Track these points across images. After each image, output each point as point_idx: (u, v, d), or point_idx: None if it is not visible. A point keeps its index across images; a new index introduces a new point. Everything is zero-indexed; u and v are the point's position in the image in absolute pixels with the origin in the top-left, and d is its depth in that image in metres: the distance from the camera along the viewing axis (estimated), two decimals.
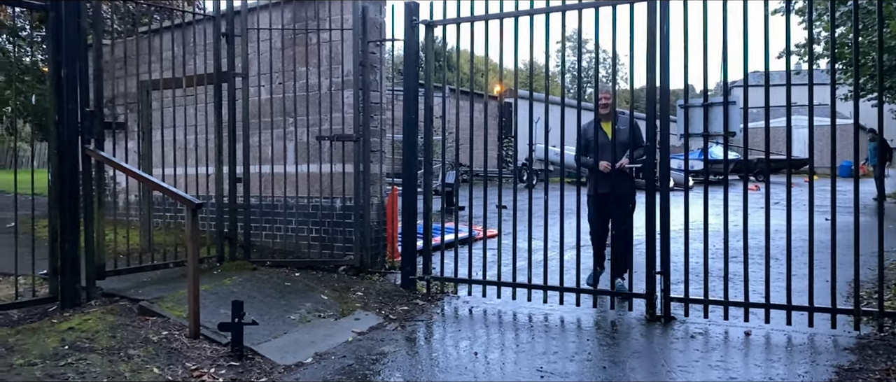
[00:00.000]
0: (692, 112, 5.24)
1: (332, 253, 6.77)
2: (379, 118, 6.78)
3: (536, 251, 5.91)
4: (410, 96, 6.25)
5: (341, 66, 6.72)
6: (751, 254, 5.17)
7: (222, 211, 6.58)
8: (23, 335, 4.50)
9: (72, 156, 5.21)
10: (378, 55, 6.75)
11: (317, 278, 6.31)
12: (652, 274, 5.31)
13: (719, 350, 4.50)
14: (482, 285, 5.92)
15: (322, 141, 6.67)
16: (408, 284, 6.18)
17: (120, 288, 5.58)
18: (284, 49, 7.03)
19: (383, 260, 6.83)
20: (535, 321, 5.32)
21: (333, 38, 6.73)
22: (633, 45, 5.22)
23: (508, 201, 6.24)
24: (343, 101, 6.73)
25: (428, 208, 6.25)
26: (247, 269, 6.31)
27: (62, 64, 5.14)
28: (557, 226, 5.76)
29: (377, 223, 6.78)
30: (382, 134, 6.83)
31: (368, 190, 6.61)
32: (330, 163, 6.66)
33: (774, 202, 5.09)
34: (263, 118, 7.18)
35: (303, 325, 5.08)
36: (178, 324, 4.81)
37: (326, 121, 6.78)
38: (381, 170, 6.81)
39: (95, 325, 4.68)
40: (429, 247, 6.25)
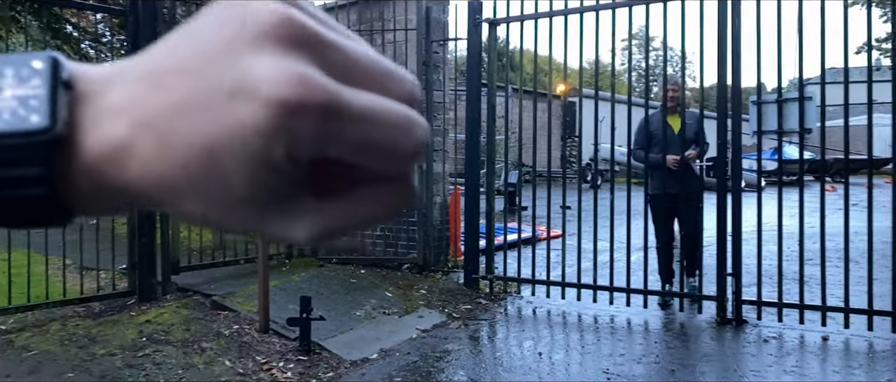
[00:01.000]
0: (766, 109, 5.07)
1: (397, 252, 6.84)
2: (442, 117, 6.81)
3: (601, 252, 5.82)
4: (473, 95, 6.26)
5: (405, 66, 6.74)
6: (828, 257, 4.95)
7: None
8: (104, 326, 4.71)
9: None
10: (441, 55, 6.79)
11: (381, 275, 6.38)
12: (723, 276, 5.16)
13: (794, 356, 4.34)
14: (546, 285, 5.88)
15: None
16: (470, 283, 6.19)
17: (193, 283, 5.77)
18: None
19: (446, 259, 6.85)
20: (601, 322, 5.25)
21: (397, 39, 6.80)
22: (702, 41, 5.10)
23: (573, 201, 6.18)
24: None
25: (490, 207, 6.24)
26: (314, 266, 6.44)
27: None
28: (624, 227, 5.66)
29: (440, 222, 6.81)
30: (445, 133, 6.86)
31: (431, 189, 6.64)
32: None
33: (853, 203, 4.86)
34: None
35: (368, 321, 5.14)
36: (249, 319, 4.95)
37: None
38: (443, 169, 6.84)
39: (171, 318, 4.85)
40: (491, 247, 6.24)
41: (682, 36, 5.25)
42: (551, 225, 6.27)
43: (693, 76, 56.02)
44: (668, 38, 5.39)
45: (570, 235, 6.64)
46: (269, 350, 4.44)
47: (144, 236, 5.37)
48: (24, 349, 4.22)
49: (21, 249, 5.15)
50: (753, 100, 5.12)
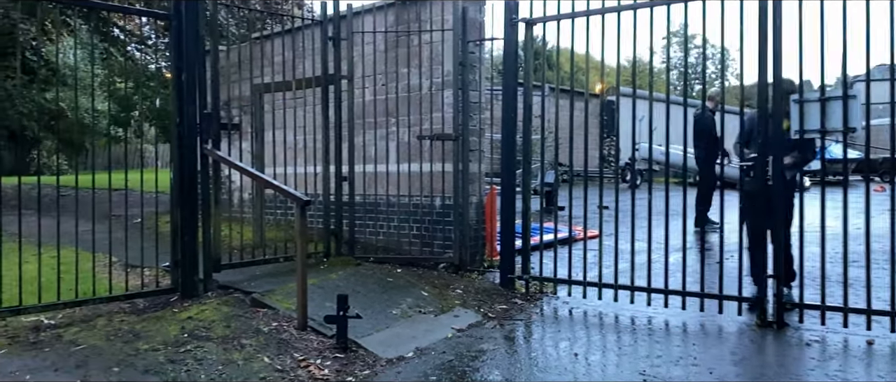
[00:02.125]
0: (808, 107, 4.96)
1: (432, 251, 6.87)
2: (478, 117, 6.82)
3: (639, 253, 5.77)
4: (509, 95, 6.25)
5: (441, 67, 6.81)
6: (874, 259, 4.83)
7: (329, 209, 6.81)
8: (148, 322, 4.84)
9: (191, 155, 5.55)
10: (477, 55, 6.80)
11: (417, 274, 6.42)
12: (763, 278, 5.07)
13: (838, 360, 4.24)
14: (582, 286, 5.84)
15: (422, 140, 6.78)
16: (506, 283, 6.19)
17: (234, 281, 5.89)
18: (387, 51, 7.20)
19: (482, 259, 6.86)
20: (638, 324, 5.20)
21: (434, 39, 6.83)
22: (742, 38, 5.01)
23: (610, 201, 6.13)
24: (443, 101, 6.82)
25: (526, 207, 6.23)
26: (351, 265, 6.51)
27: (183, 69, 5.49)
28: (661, 228, 5.59)
29: (476, 221, 6.83)
30: (481, 133, 6.87)
31: (467, 188, 6.66)
32: (430, 161, 6.76)
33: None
34: (367, 119, 7.37)
35: (404, 320, 5.19)
36: (287, 316, 5.03)
37: (427, 121, 6.89)
38: (479, 168, 6.85)
39: (212, 315, 4.96)
40: (527, 247, 6.23)
41: (721, 33, 5.16)
42: (588, 226, 6.22)
43: (735, 74, 54.81)
44: (707, 35, 5.32)
45: (608, 235, 6.58)
46: (307, 347, 4.50)
47: (186, 234, 5.50)
48: (71, 343, 4.36)
49: (70, 247, 5.31)
50: (795, 98, 5.01)
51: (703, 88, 10.94)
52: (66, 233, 5.04)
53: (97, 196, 5.30)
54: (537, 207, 11.69)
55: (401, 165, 7.08)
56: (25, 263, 5.09)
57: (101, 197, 5.60)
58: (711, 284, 5.69)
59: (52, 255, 5.17)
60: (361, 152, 7.24)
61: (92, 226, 5.12)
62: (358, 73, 7.28)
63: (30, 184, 8.67)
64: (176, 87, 5.50)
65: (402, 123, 7.11)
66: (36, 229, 4.99)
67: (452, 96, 6.67)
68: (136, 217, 8.09)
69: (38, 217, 4.95)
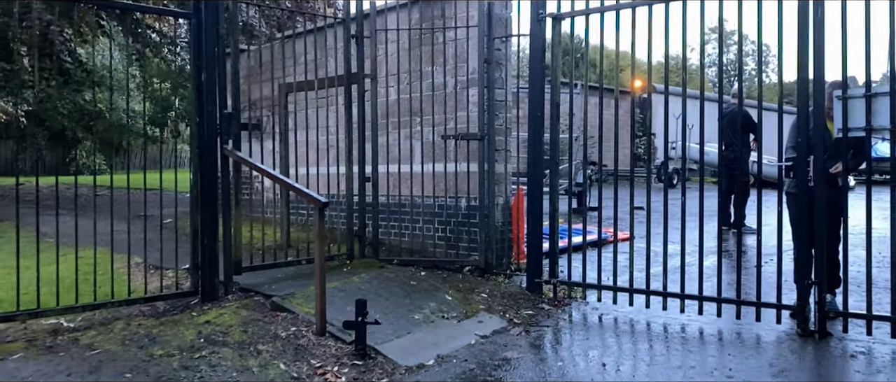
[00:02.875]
0: (852, 104, 4.67)
1: (458, 254, 6.71)
2: (504, 116, 6.64)
3: (673, 256, 5.53)
4: (536, 93, 6.06)
5: (466, 65, 6.64)
6: None
7: (352, 210, 6.69)
8: (165, 326, 4.76)
9: (211, 156, 5.47)
10: (503, 51, 6.61)
11: (442, 278, 6.26)
12: (804, 284, 4.80)
13: (885, 373, 3.97)
14: (612, 291, 5.62)
15: (447, 140, 6.61)
16: (533, 287, 5.99)
17: (255, 283, 5.80)
18: (411, 49, 7.06)
19: (509, 262, 6.68)
20: (671, 332, 4.97)
21: (459, 36, 6.66)
22: (781, 32, 4.76)
23: (642, 201, 5.90)
24: (468, 100, 6.65)
25: (554, 209, 6.02)
26: (375, 267, 6.38)
27: (202, 68, 5.41)
28: (696, 230, 5.35)
29: (502, 223, 6.64)
30: (507, 132, 6.68)
31: (493, 189, 6.48)
32: (455, 162, 6.60)
33: None
34: (391, 118, 7.24)
35: (426, 325, 5.03)
36: (306, 321, 4.91)
37: (452, 120, 6.73)
38: (505, 169, 6.66)
39: (230, 319, 4.87)
40: (555, 250, 6.03)
41: (758, 26, 4.90)
42: (619, 227, 6.00)
43: (774, 70, 53.44)
44: (743, 29, 5.06)
45: (640, 238, 6.36)
46: (325, 353, 4.38)
47: (206, 236, 5.42)
48: (87, 347, 4.30)
49: (89, 248, 5.27)
50: (838, 94, 4.73)
51: (740, 85, 10.60)
52: (91, 234, 4.99)
53: (132, 196, 5.26)
54: (568, 208, 11.49)
55: (426, 165, 6.94)
56: (49, 264, 5.06)
57: (137, 198, 5.56)
58: (748, 290, 5.45)
59: (72, 256, 5.13)
60: (386, 152, 7.10)
61: (110, 227, 5.07)
62: (382, 72, 7.15)
63: (66, 183, 8.71)
64: (195, 87, 5.42)
65: (427, 122, 6.96)
66: (70, 229, 4.94)
67: (478, 95, 6.50)
68: (168, 217, 8.07)
69: (75, 217, 4.91)
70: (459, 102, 6.69)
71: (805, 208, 4.83)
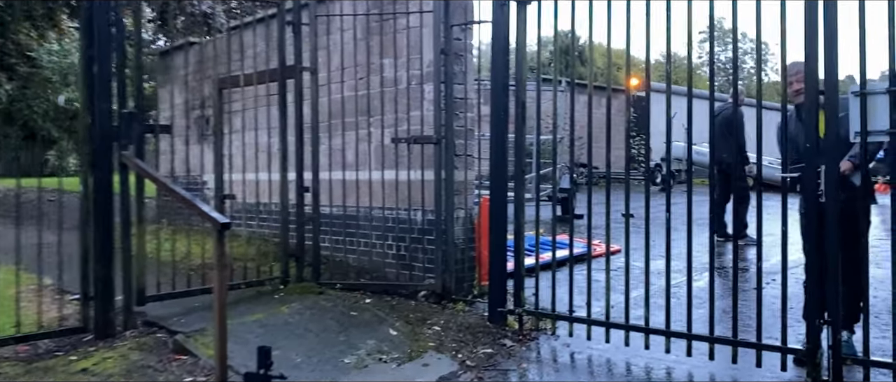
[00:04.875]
0: (872, 101, 3.80)
1: (412, 275, 5.80)
2: (465, 116, 5.75)
3: (658, 274, 4.67)
4: (498, 88, 5.17)
5: (421, 57, 5.74)
6: None
7: (287, 225, 5.79)
8: (32, 375, 3.86)
9: (105, 163, 4.56)
10: (463, 41, 5.72)
11: (390, 306, 5.37)
12: (815, 323, 3.93)
13: None
14: (586, 324, 4.74)
15: (398, 144, 5.71)
16: (495, 318, 5.10)
17: (164, 316, 4.90)
18: (357, 40, 6.15)
19: (470, 286, 5.78)
20: (654, 378, 4.09)
21: (412, 24, 5.77)
22: (784, 13, 3.89)
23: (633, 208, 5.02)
24: (423, 97, 5.75)
25: (519, 225, 5.13)
26: (312, 293, 5.48)
27: (95, 58, 4.50)
28: (684, 243, 4.45)
29: (463, 240, 5.75)
30: (469, 134, 5.79)
31: (452, 201, 5.59)
32: (407, 169, 5.69)
33: None
34: (336, 119, 6.31)
35: (357, 372, 4.13)
36: (208, 367, 4.02)
37: (407, 121, 5.82)
38: (466, 177, 5.77)
39: (113, 366, 3.97)
40: (520, 273, 5.14)
41: (757, 10, 4.01)
42: (606, 240, 5.11)
43: (774, 68, 52.27)
44: (737, 23, 4.17)
45: (620, 252, 5.49)
46: None
47: (100, 261, 4.51)
48: None
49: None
50: (855, 90, 3.85)
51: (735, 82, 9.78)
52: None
53: None
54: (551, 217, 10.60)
55: (375, 173, 6.04)
56: None
57: None
58: (748, 322, 4.56)
59: None
60: (333, 156, 6.20)
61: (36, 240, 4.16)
62: (330, 66, 6.23)
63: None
64: (86, 81, 4.52)
65: (380, 123, 6.05)
66: None
67: (434, 91, 5.60)
68: None
69: None
70: (414, 100, 5.79)
71: (815, 229, 3.95)
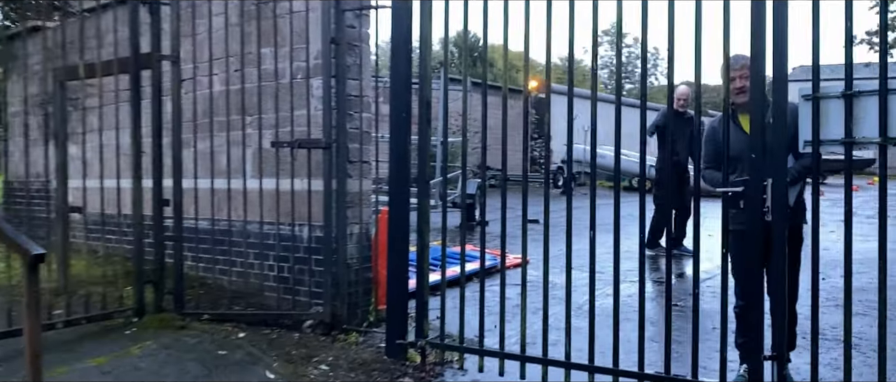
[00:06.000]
0: (826, 106, 3.33)
1: (296, 302, 4.96)
2: (360, 116, 4.98)
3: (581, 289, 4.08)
4: (401, 86, 4.44)
5: (307, 46, 4.93)
6: None
7: (141, 243, 4.83)
8: None
9: None
10: (358, 29, 4.95)
11: (269, 340, 4.54)
12: (757, 359, 3.44)
13: None
14: (499, 358, 4.09)
15: (280, 148, 4.88)
16: (394, 352, 4.36)
17: None
18: (231, 26, 5.24)
19: (366, 312, 5.02)
20: None
21: (296, 8, 4.95)
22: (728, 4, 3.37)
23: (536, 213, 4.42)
24: (310, 93, 4.94)
25: (423, 244, 4.42)
26: (173, 327, 4.57)
27: None
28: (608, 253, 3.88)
29: (358, 259, 4.98)
30: (364, 138, 5.03)
31: (344, 214, 4.81)
32: (291, 177, 4.86)
33: None
34: (206, 118, 5.39)
35: None
36: None
37: (291, 121, 4.99)
38: (361, 186, 5.01)
39: None
40: (424, 297, 4.43)
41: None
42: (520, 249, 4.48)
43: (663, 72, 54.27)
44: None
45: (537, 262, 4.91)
46: None
47: None
48: None
49: None
50: (805, 94, 3.38)
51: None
52: None
53: None
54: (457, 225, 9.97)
55: (255, 181, 5.16)
56: None
57: None
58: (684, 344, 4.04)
59: None
60: (202, 162, 5.29)
61: None
62: (198, 55, 5.31)
63: None
64: None
65: (258, 124, 5.18)
66: None
67: (323, 87, 4.81)
68: None
69: None
70: (299, 97, 4.97)
71: (760, 252, 3.45)
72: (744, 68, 3.66)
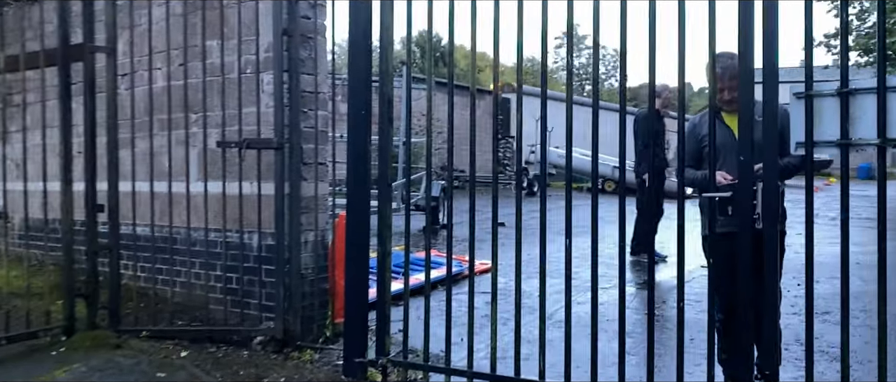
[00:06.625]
0: (818, 105, 3.09)
1: (245, 316, 4.56)
2: (315, 114, 4.61)
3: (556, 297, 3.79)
4: (359, 82, 4.09)
5: (257, 38, 4.54)
6: None
7: (71, 253, 4.38)
8: None
9: None
10: (313, 21, 4.59)
11: (215, 359, 4.14)
12: (750, 379, 3.19)
13: None
14: (467, 378, 3.77)
15: (227, 149, 4.48)
16: (353, 371, 4.01)
17: None
18: (174, 16, 4.84)
19: (322, 326, 4.64)
20: None
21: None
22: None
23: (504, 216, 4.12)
24: (260, 89, 4.56)
25: (384, 252, 4.08)
26: (108, 346, 4.13)
27: None
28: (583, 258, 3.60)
29: (313, 269, 4.61)
30: (321, 137, 4.67)
31: (298, 220, 4.43)
32: (239, 180, 4.46)
33: None
34: (145, 116, 4.95)
35: None
36: None
37: (240, 119, 4.58)
38: (316, 190, 4.64)
39: None
40: (385, 310, 4.09)
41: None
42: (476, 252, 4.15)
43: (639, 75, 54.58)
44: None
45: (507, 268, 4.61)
46: None
47: None
48: None
49: None
50: (797, 92, 3.15)
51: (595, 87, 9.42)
52: None
53: None
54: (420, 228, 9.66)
55: (200, 184, 4.74)
56: None
57: None
58: (661, 362, 3.78)
59: None
60: (142, 163, 4.86)
61: None
62: (137, 47, 4.88)
63: None
64: None
65: (208, 121, 4.77)
66: None
67: (274, 83, 4.42)
68: None
69: None
70: (249, 93, 4.58)
71: (749, 263, 3.19)
72: (733, 80, 3.42)
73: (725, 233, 3.41)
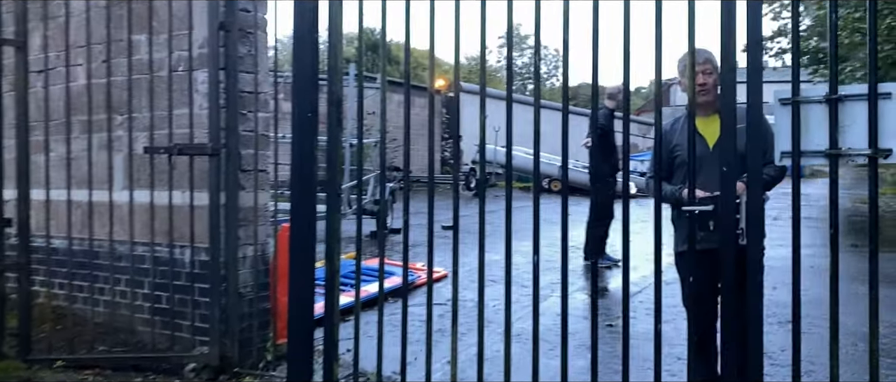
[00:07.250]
0: (805, 112, 2.88)
1: (176, 340, 4.11)
2: (255, 116, 4.21)
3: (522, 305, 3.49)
4: (306, 82, 3.71)
5: (190, 33, 4.11)
6: None
7: None
8: None
9: None
10: (253, 14, 4.19)
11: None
12: None
13: None
14: None
15: (155, 155, 4.03)
16: None
17: None
18: (97, 7, 4.36)
19: (263, 350, 4.23)
20: None
21: None
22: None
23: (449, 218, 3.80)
24: (194, 88, 4.13)
25: (333, 270, 3.70)
26: (15, 379, 3.64)
27: None
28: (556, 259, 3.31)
29: (253, 287, 4.20)
30: (261, 142, 4.26)
31: (235, 234, 4.02)
32: (169, 189, 4.03)
33: None
34: (63, 117, 4.46)
35: None
36: None
37: (170, 121, 4.14)
38: (256, 200, 4.23)
39: None
40: (333, 327, 3.71)
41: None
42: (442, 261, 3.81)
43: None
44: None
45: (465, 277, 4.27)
46: None
47: None
48: None
49: None
50: (782, 98, 2.93)
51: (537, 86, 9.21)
52: None
53: None
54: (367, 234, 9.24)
55: (125, 193, 4.27)
56: None
57: None
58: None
59: None
60: (58, 169, 4.36)
61: None
62: (53, 41, 4.38)
63: None
64: None
65: (135, 124, 4.31)
66: None
67: (209, 82, 4.00)
68: None
69: None
70: (180, 93, 4.14)
71: (733, 280, 2.95)
72: (706, 62, 3.21)
73: (705, 250, 3.17)
